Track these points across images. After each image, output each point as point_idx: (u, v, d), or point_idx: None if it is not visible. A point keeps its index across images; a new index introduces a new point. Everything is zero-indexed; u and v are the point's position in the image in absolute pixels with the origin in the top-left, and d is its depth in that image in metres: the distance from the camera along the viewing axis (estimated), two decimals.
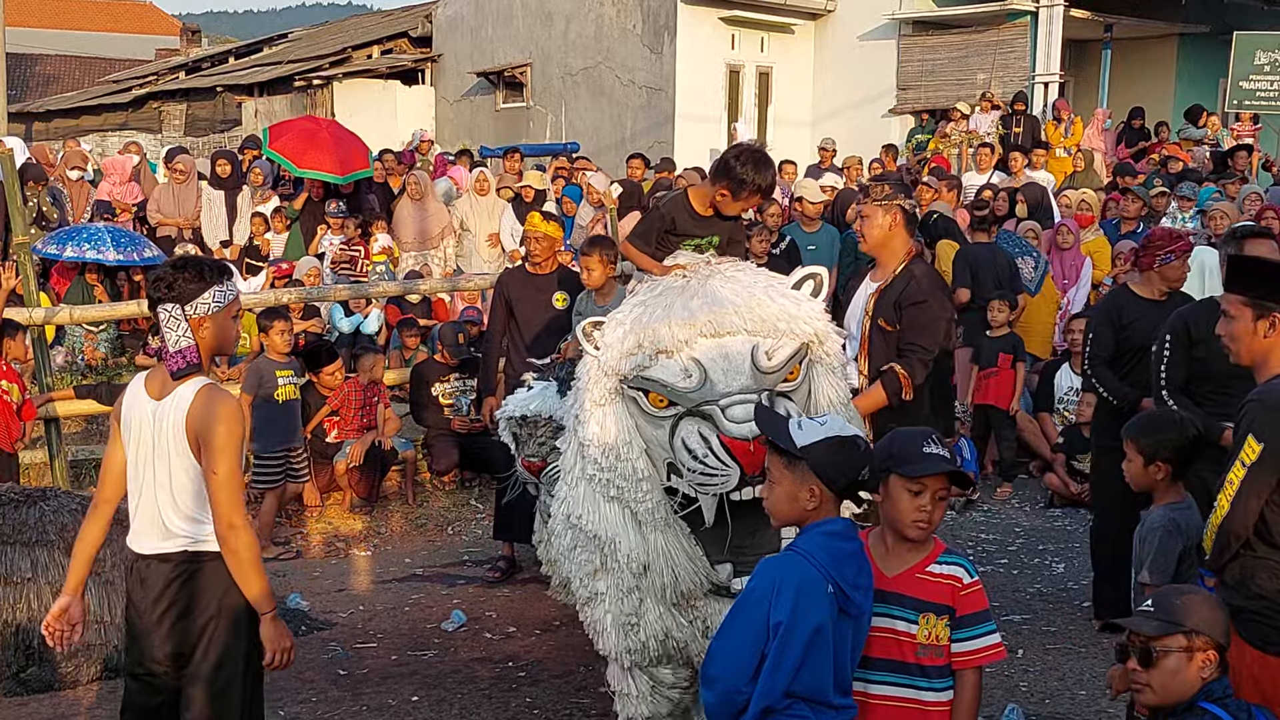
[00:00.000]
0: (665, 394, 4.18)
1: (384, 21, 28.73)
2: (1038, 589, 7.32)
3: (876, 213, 5.55)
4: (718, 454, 3.99)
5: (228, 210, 13.46)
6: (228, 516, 3.76)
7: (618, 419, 4.33)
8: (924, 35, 20.26)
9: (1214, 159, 14.87)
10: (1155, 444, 4.56)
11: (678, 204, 5.28)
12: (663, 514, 4.33)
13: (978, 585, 3.43)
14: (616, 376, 4.31)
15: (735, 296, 4.31)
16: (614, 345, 4.32)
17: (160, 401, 3.83)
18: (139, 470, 3.89)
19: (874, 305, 5.56)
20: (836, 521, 3.30)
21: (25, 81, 39.87)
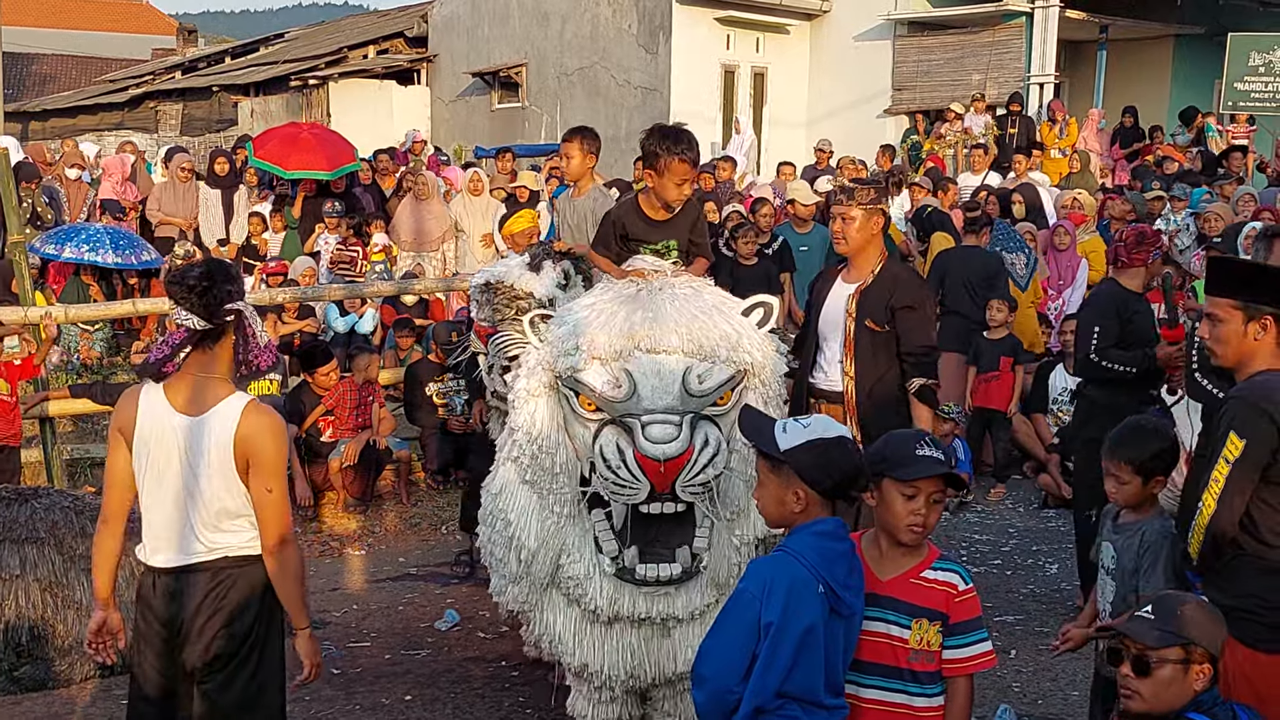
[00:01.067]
0: (594, 399, 4.28)
1: (380, 22, 28.74)
2: (1031, 590, 7.33)
3: (860, 215, 5.48)
4: (630, 468, 4.10)
5: (224, 209, 13.49)
6: (281, 532, 3.78)
7: (548, 412, 4.47)
8: (919, 36, 20.29)
9: (1203, 160, 14.88)
10: (1152, 458, 4.21)
11: (628, 208, 5.34)
12: (569, 509, 4.49)
13: (972, 592, 3.41)
14: (552, 372, 4.43)
15: (680, 315, 4.40)
16: (555, 343, 4.45)
17: (198, 417, 3.72)
18: (160, 484, 3.76)
19: (856, 306, 5.45)
20: (827, 522, 3.29)
21: (22, 81, 39.84)
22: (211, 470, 3.73)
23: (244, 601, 3.79)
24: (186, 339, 3.71)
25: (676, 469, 4.07)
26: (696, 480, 4.13)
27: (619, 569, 4.38)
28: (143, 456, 3.78)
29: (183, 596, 3.77)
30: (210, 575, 3.76)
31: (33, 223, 12.43)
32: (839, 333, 5.51)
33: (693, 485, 4.14)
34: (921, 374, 5.40)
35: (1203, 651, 3.20)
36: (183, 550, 3.77)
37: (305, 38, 30.74)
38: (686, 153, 5.10)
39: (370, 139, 18.21)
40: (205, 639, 3.76)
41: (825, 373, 5.57)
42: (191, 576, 3.77)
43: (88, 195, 14.16)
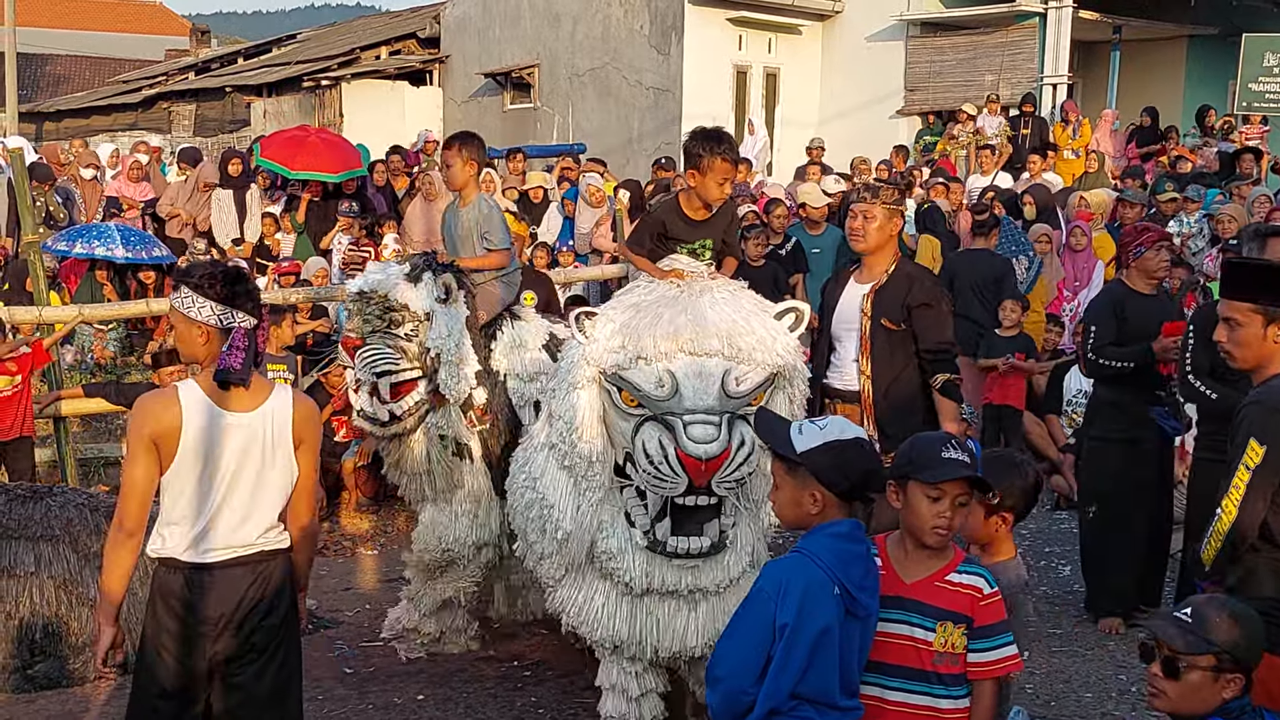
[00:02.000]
0: (638, 397, 4.47)
1: (392, 23, 28.77)
2: (1044, 591, 7.31)
3: (881, 215, 5.54)
4: (671, 464, 4.28)
5: (237, 209, 13.53)
6: (314, 505, 4.08)
7: (589, 405, 4.65)
8: (932, 36, 20.26)
9: (1221, 161, 14.82)
10: (1001, 492, 3.87)
11: (669, 208, 5.42)
12: (601, 494, 4.70)
13: (997, 596, 3.43)
14: (597, 368, 4.59)
15: (720, 320, 4.58)
16: (601, 340, 4.60)
17: (255, 411, 3.82)
18: (218, 484, 3.78)
19: (871, 305, 5.53)
20: (843, 523, 3.30)
21: (36, 81, 39.99)
22: (276, 462, 3.87)
23: (278, 592, 3.91)
24: (250, 339, 3.81)
25: (715, 467, 4.28)
26: (732, 477, 4.34)
27: (651, 541, 4.56)
28: (195, 461, 3.75)
29: (222, 591, 3.80)
30: (250, 569, 3.85)
31: (47, 223, 12.48)
32: (854, 332, 5.58)
33: (728, 481, 4.35)
34: (944, 370, 5.48)
35: (1235, 662, 3.16)
36: (226, 546, 3.82)
37: (318, 39, 30.79)
38: (729, 153, 5.26)
39: (382, 139, 18.24)
40: (245, 631, 3.82)
41: (841, 373, 5.65)
42: (231, 571, 3.82)
43: (102, 195, 14.22)
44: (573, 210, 13.22)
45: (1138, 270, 6.66)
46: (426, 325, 5.60)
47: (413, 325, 5.58)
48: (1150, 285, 6.67)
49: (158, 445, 3.72)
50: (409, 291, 5.57)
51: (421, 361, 5.61)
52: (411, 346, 5.58)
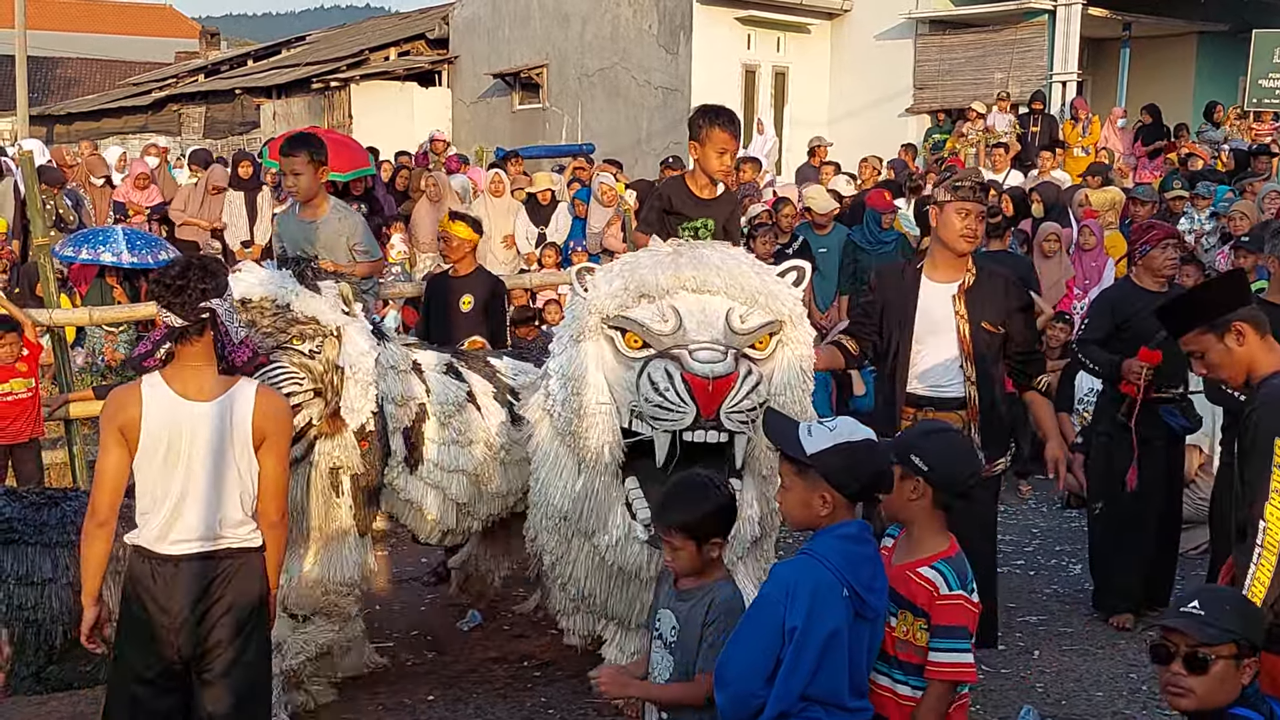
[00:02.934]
0: (640, 334, 4.46)
1: (401, 24, 28.81)
2: (1054, 590, 7.30)
3: (983, 216, 5.30)
4: (678, 390, 4.26)
5: (248, 211, 13.56)
6: (283, 506, 4.08)
7: (588, 356, 4.60)
8: (941, 34, 20.23)
9: (1234, 158, 14.77)
10: (703, 519, 3.59)
11: (674, 183, 5.49)
12: (604, 458, 4.60)
13: (956, 599, 3.41)
14: (599, 315, 4.57)
15: (721, 263, 4.60)
16: (601, 285, 4.61)
17: (213, 401, 3.87)
18: (179, 472, 3.86)
19: (966, 307, 5.24)
20: (851, 524, 3.30)
21: (46, 84, 40.16)
22: (234, 453, 3.89)
23: (244, 590, 3.96)
24: (166, 335, 3.85)
25: (723, 390, 4.23)
26: (741, 406, 4.28)
27: (653, 536, 4.44)
28: (155, 449, 3.85)
29: (187, 584, 3.88)
30: (214, 564, 3.91)
31: (57, 226, 12.50)
32: (948, 335, 5.25)
33: (737, 412, 4.29)
34: (1039, 370, 5.51)
35: (1250, 646, 3.16)
36: (196, 538, 3.89)
37: (327, 40, 30.85)
38: (727, 124, 5.28)
39: (392, 141, 18.28)
40: (207, 626, 3.89)
41: (932, 379, 5.27)
42: (197, 564, 3.89)
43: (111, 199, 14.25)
44: (584, 211, 13.22)
45: (1145, 268, 6.62)
46: (334, 341, 5.02)
47: (318, 340, 4.97)
48: (1158, 283, 6.59)
49: (125, 435, 3.84)
50: (315, 302, 4.99)
51: (322, 381, 4.97)
52: (316, 364, 4.95)
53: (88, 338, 11.53)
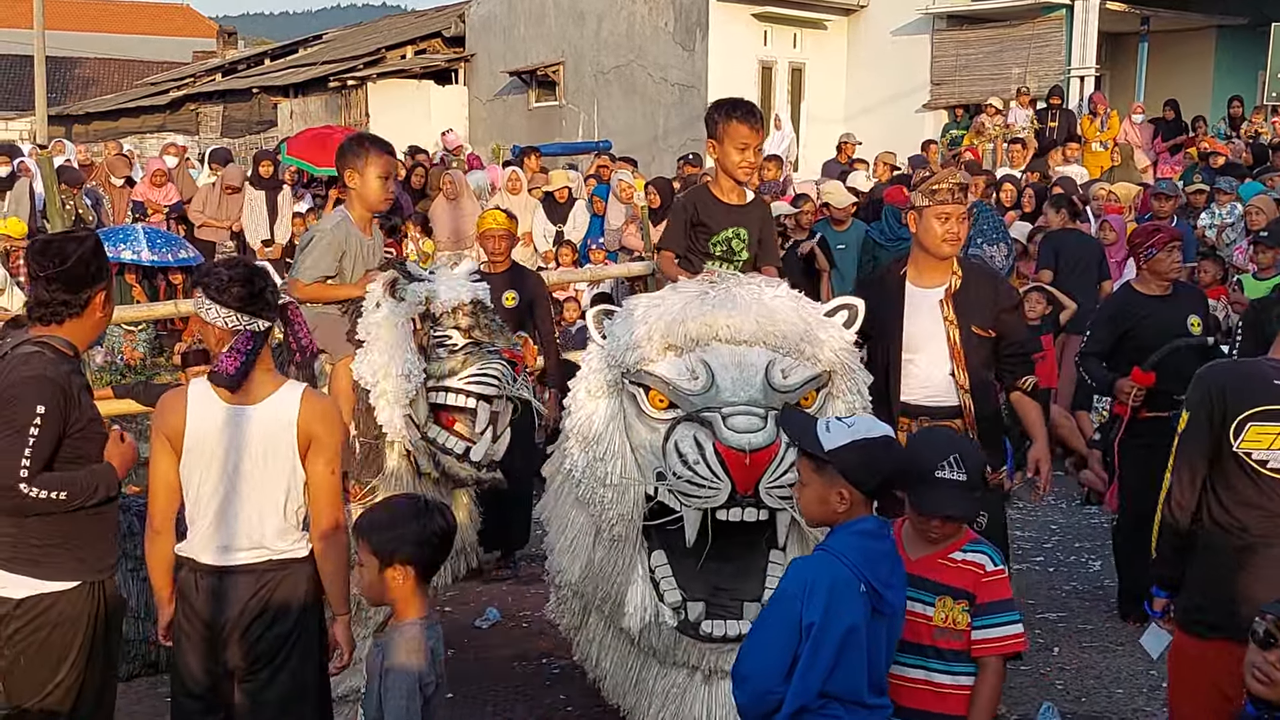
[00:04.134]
0: (667, 393, 3.91)
1: (417, 22, 28.87)
2: (1073, 586, 7.28)
3: (965, 217, 4.99)
4: (710, 463, 3.70)
5: (269, 210, 13.60)
6: (337, 516, 3.82)
7: (607, 416, 4.07)
8: (958, 29, 20.17)
9: (1255, 154, 14.69)
10: (396, 542, 3.42)
11: (698, 191, 5.09)
12: (623, 530, 4.03)
13: (1001, 574, 3.49)
14: (619, 369, 4.04)
15: (761, 308, 4.02)
16: (621, 335, 4.04)
17: (259, 404, 3.76)
18: (218, 478, 3.78)
19: (953, 310, 4.94)
20: (868, 520, 3.29)
21: (65, 84, 40.33)
22: (275, 457, 3.76)
23: (286, 603, 3.80)
24: (258, 342, 3.75)
25: (762, 464, 3.71)
26: (784, 480, 3.74)
27: (681, 622, 4.00)
28: (198, 455, 3.77)
29: (227, 597, 3.77)
30: (255, 578, 3.77)
31: (77, 225, 12.57)
32: (938, 342, 4.96)
33: (778, 487, 3.77)
34: (1027, 371, 5.19)
35: None
36: (232, 548, 3.78)
37: (343, 39, 30.93)
38: (747, 117, 4.87)
39: (408, 139, 18.30)
40: (249, 640, 3.77)
41: (925, 388, 4.99)
42: (236, 578, 3.78)
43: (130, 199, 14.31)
44: (603, 208, 13.22)
45: (1150, 272, 6.56)
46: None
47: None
48: (1162, 287, 6.54)
49: (171, 442, 3.78)
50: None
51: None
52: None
53: (107, 336, 11.58)
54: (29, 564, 3.81)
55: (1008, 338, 5.09)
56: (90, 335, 4.02)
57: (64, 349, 3.85)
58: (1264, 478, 3.77)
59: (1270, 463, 3.76)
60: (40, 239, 4.18)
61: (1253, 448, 3.76)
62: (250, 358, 3.72)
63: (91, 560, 3.82)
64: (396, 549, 3.39)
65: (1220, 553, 3.86)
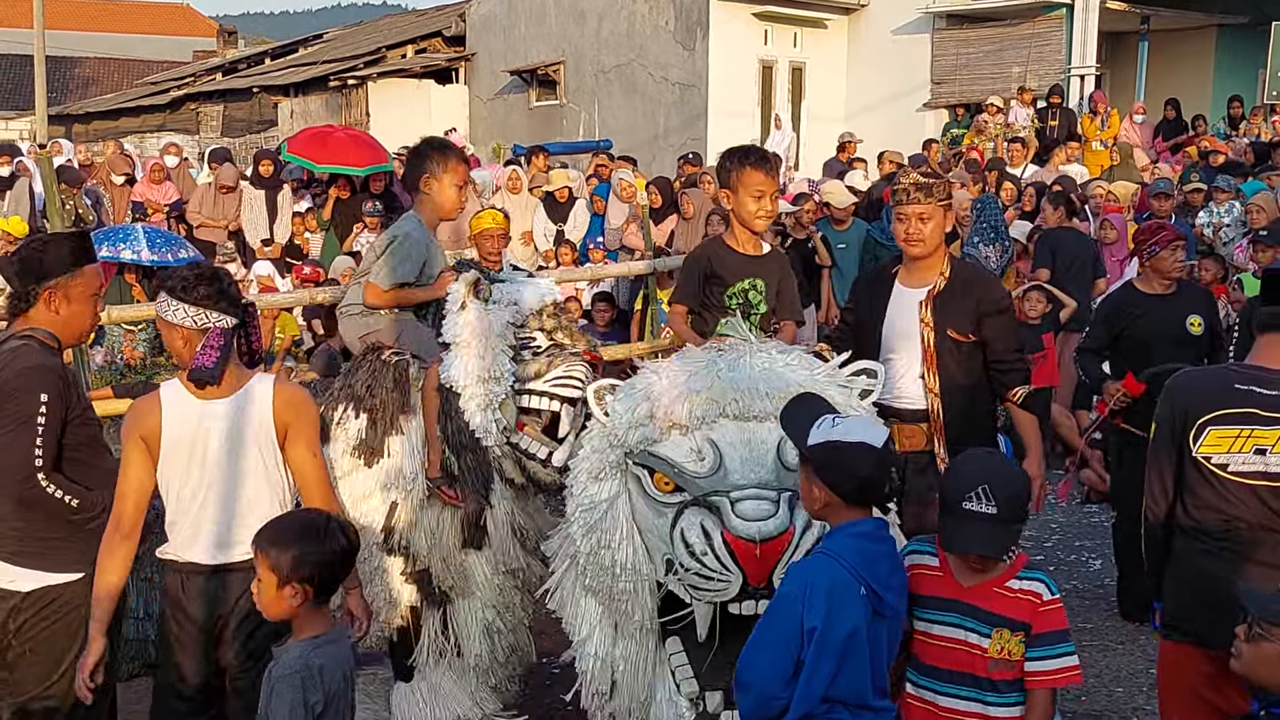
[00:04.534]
0: (672, 476, 3.63)
1: (418, 21, 28.87)
2: (1074, 585, 7.28)
3: (939, 214, 4.80)
4: (718, 554, 3.43)
5: (269, 210, 13.61)
6: (328, 497, 3.86)
7: (612, 498, 3.82)
8: (958, 29, 20.18)
9: (1256, 152, 14.69)
10: (294, 560, 3.30)
11: (712, 245, 4.89)
12: (640, 618, 3.79)
13: (1057, 603, 3.37)
14: (622, 449, 3.78)
15: (772, 379, 3.76)
16: (623, 413, 3.78)
17: (228, 399, 3.76)
18: (202, 476, 3.77)
19: (931, 313, 4.79)
20: (866, 523, 3.25)
21: (65, 84, 40.34)
22: (258, 447, 3.78)
23: None
24: (228, 338, 3.76)
25: (775, 553, 3.43)
26: None
27: (700, 715, 3.74)
28: (177, 454, 3.77)
29: (219, 595, 3.77)
30: (244, 575, 3.68)
31: (77, 225, 12.56)
32: (914, 344, 4.82)
33: None
34: (1018, 381, 4.86)
35: None
36: (221, 545, 3.78)
37: (344, 38, 30.93)
38: (760, 163, 4.69)
39: (409, 138, 18.24)
40: (242, 638, 3.77)
41: (897, 390, 4.83)
42: (228, 575, 3.78)
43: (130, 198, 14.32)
44: (603, 207, 13.22)
45: (1152, 270, 6.56)
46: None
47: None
48: (1164, 285, 6.54)
49: (147, 444, 3.75)
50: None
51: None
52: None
53: (106, 336, 11.57)
54: (35, 556, 3.87)
55: (993, 344, 4.82)
56: (62, 332, 4.04)
57: (47, 340, 3.94)
58: (1224, 481, 3.77)
59: (1230, 466, 3.76)
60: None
61: (1212, 452, 3.77)
62: (225, 352, 3.73)
63: (92, 552, 3.83)
64: (296, 568, 3.29)
65: (1186, 559, 3.89)
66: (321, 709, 3.28)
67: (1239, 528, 3.76)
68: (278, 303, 9.84)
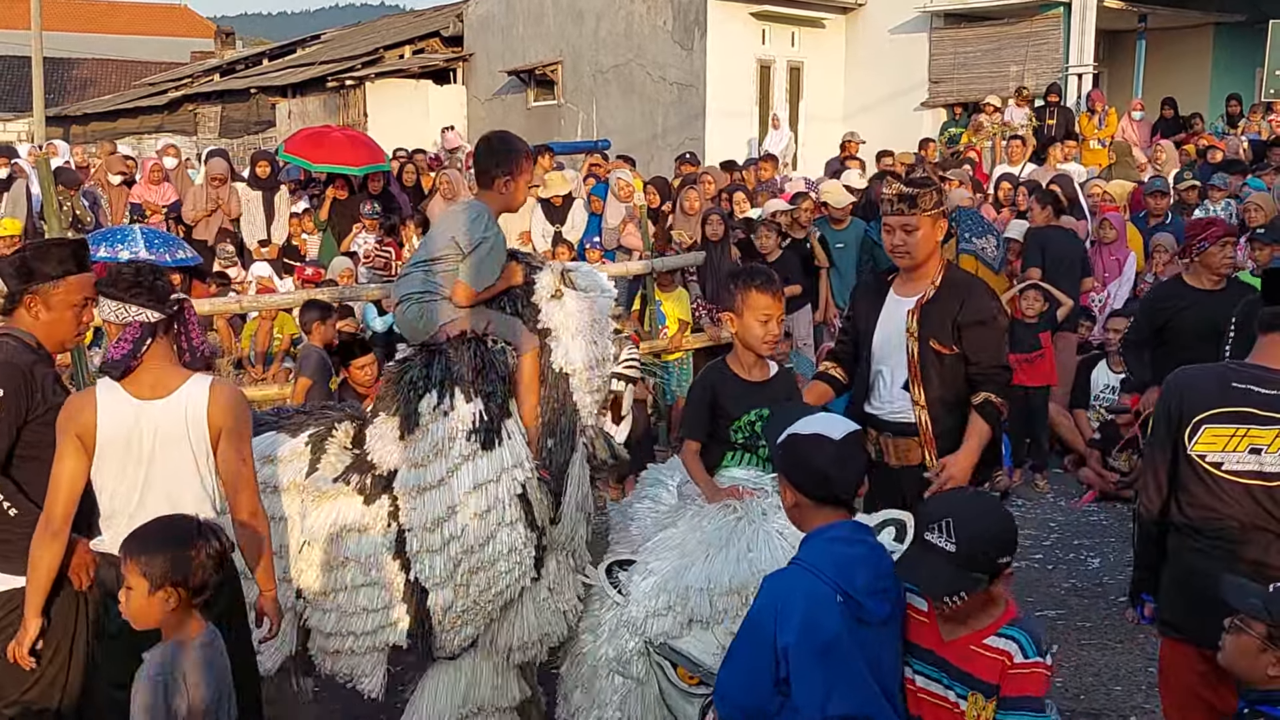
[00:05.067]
0: (699, 674, 3.49)
1: (416, 21, 28.87)
2: (1072, 584, 7.28)
3: (926, 224, 4.68)
4: None
5: (265, 211, 13.60)
6: (253, 502, 3.89)
7: (635, 684, 3.65)
8: (956, 28, 20.18)
9: (1254, 151, 14.70)
10: (166, 564, 3.26)
11: (715, 371, 4.76)
12: None
13: (1035, 667, 3.05)
14: (641, 637, 3.61)
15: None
16: (641, 601, 3.60)
17: (168, 398, 3.79)
18: (138, 475, 3.79)
19: (917, 324, 4.70)
20: (840, 526, 3.12)
21: (63, 85, 40.35)
22: (192, 448, 3.80)
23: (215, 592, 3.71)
24: (145, 332, 3.78)
25: None
26: None
27: None
28: (113, 453, 3.77)
29: None
30: None
31: (74, 227, 12.55)
32: (901, 355, 4.75)
33: None
34: (988, 389, 4.66)
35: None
36: None
37: (341, 38, 30.93)
38: (766, 286, 4.51)
39: (407, 139, 18.30)
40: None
41: (887, 402, 4.81)
42: None
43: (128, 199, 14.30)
44: (600, 207, 13.21)
45: (1201, 265, 6.52)
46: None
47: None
48: (1213, 281, 6.50)
49: (83, 442, 3.76)
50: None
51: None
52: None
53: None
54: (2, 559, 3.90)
55: (973, 356, 4.67)
56: (43, 338, 4.07)
57: (28, 341, 4.00)
58: (1217, 480, 3.78)
59: (1225, 465, 3.77)
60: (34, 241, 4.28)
61: (1206, 450, 3.78)
62: (137, 347, 3.75)
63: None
64: (168, 573, 3.25)
65: (1179, 557, 3.90)
66: (184, 712, 3.22)
67: (1231, 527, 3.76)
68: (277, 303, 9.83)
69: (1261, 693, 3.13)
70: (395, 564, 4.33)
